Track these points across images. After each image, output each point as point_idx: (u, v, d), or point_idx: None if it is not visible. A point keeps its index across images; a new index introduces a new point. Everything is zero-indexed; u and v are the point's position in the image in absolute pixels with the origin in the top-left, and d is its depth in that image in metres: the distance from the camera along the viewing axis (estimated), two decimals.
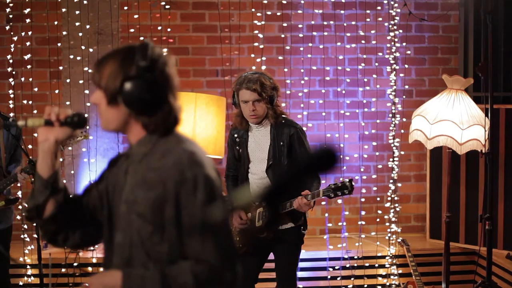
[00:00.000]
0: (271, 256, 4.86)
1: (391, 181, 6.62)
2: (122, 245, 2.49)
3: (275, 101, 4.68)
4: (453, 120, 5.43)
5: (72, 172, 6.26)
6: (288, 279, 4.86)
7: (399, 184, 6.72)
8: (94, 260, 5.93)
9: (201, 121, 5.31)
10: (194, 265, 2.39)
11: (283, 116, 4.72)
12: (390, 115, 6.63)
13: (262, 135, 4.71)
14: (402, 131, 6.56)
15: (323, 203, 6.58)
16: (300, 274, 6.12)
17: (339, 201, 6.55)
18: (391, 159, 6.63)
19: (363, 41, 6.60)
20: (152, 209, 2.42)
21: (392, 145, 6.61)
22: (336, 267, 6.21)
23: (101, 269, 2.60)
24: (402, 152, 6.69)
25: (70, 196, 2.62)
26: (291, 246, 4.80)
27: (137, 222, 2.45)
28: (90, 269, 5.92)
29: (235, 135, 4.83)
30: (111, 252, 2.54)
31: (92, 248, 6.02)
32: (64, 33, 6.22)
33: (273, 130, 4.67)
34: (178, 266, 2.40)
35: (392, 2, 6.56)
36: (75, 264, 5.88)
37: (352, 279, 6.21)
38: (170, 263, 2.42)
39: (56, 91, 6.31)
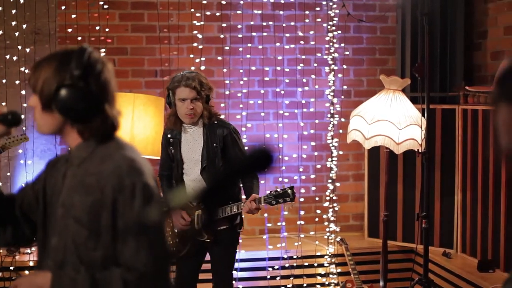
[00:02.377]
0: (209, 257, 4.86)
1: (330, 180, 6.67)
2: (56, 248, 2.46)
3: (210, 101, 4.69)
4: (391, 120, 5.49)
5: (8, 174, 6.16)
6: (224, 279, 4.85)
7: (338, 184, 6.77)
8: (31, 264, 5.84)
9: (139, 122, 5.28)
10: (125, 272, 2.37)
11: (216, 116, 4.72)
12: (329, 115, 6.68)
13: (195, 136, 4.69)
14: (341, 131, 6.62)
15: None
16: (239, 274, 6.12)
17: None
18: (329, 159, 6.68)
19: (302, 42, 6.63)
20: (89, 214, 2.40)
21: (331, 145, 6.66)
22: (276, 267, 6.22)
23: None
24: (341, 152, 6.75)
25: (3, 194, 2.59)
26: (227, 246, 4.79)
27: (73, 226, 2.42)
28: (27, 272, 5.82)
29: (169, 135, 4.80)
30: (45, 254, 2.51)
31: (28, 251, 5.94)
32: (0, 32, 6.11)
33: (206, 131, 4.65)
34: (110, 272, 2.39)
35: (331, 3, 6.61)
36: (11, 268, 5.78)
37: (291, 278, 6.23)
38: (103, 268, 2.40)
39: None
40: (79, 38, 6.12)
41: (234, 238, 4.82)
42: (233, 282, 4.94)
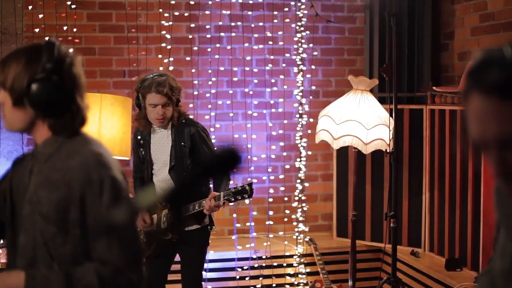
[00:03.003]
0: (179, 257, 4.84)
1: (299, 181, 6.68)
2: (25, 245, 2.44)
3: (179, 101, 4.68)
4: (359, 120, 5.52)
5: None
6: (193, 280, 4.84)
7: (306, 184, 6.78)
8: None
9: (107, 122, 5.24)
10: (99, 266, 2.35)
11: (184, 116, 4.71)
12: (297, 116, 6.69)
13: (164, 137, 4.68)
14: (309, 131, 6.63)
15: (231, 203, 6.57)
16: (208, 275, 6.11)
17: (247, 201, 6.57)
18: (298, 159, 6.69)
19: (270, 42, 6.64)
20: (56, 210, 2.38)
21: (299, 145, 6.67)
22: (245, 267, 6.22)
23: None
24: (309, 152, 6.76)
25: None
26: (196, 247, 4.78)
27: (40, 223, 2.40)
28: None
29: (139, 137, 4.79)
30: (15, 253, 2.49)
31: None
32: None
33: (174, 130, 4.64)
34: (83, 267, 2.36)
35: (299, 4, 6.62)
36: None
37: (260, 279, 6.24)
38: (75, 264, 2.37)
39: None
40: (46, 38, 6.05)
41: (203, 239, 4.80)
42: (202, 282, 4.92)
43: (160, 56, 6.40)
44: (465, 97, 1.63)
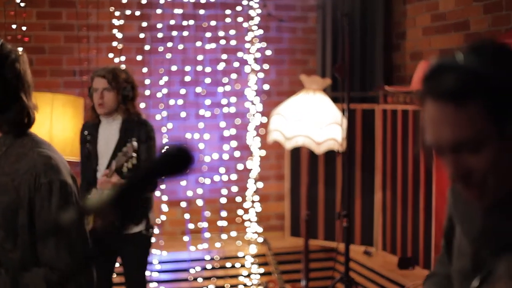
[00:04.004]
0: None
1: (251, 181, 6.67)
2: None
3: (131, 98, 4.63)
4: (311, 120, 5.52)
5: None
6: (136, 283, 4.79)
7: (259, 184, 6.76)
8: None
9: (58, 123, 5.17)
10: (48, 272, 2.31)
11: (137, 115, 4.67)
12: (250, 115, 6.67)
13: (111, 131, 4.64)
14: (262, 131, 6.62)
15: (183, 205, 6.54)
16: (161, 276, 6.06)
17: (200, 203, 6.53)
18: (251, 159, 6.67)
19: (223, 42, 6.61)
20: (5, 214, 2.32)
21: (252, 145, 6.66)
22: (198, 269, 6.19)
23: None
24: (262, 152, 6.75)
25: None
26: (138, 249, 4.73)
27: None
28: None
29: (86, 132, 4.74)
30: None
31: None
32: None
33: (123, 126, 4.60)
34: (31, 272, 2.31)
35: (252, 3, 6.60)
36: None
37: (213, 279, 6.20)
38: (23, 270, 2.32)
39: None
40: None
41: (145, 241, 4.74)
42: (147, 284, 4.87)
43: (111, 55, 6.33)
44: (421, 102, 1.65)
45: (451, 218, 1.97)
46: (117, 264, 4.88)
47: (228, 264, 6.28)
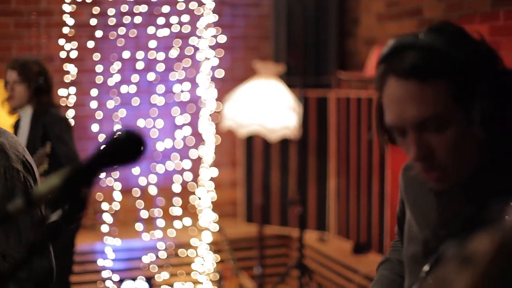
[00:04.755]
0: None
1: (205, 168, 6.63)
2: None
3: (45, 91, 4.52)
4: (265, 107, 5.50)
5: None
6: (58, 280, 4.72)
7: (213, 171, 6.73)
8: None
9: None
10: (1, 260, 2.29)
11: (51, 106, 4.56)
12: (203, 102, 6.63)
13: (25, 124, 4.56)
14: (216, 118, 6.58)
15: (136, 192, 6.48)
16: (114, 265, 6.00)
17: (153, 191, 6.49)
18: (204, 147, 6.64)
19: (176, 28, 6.54)
20: None
21: (205, 132, 6.62)
22: (151, 257, 6.14)
23: None
24: (216, 139, 6.71)
25: None
26: (60, 245, 4.65)
27: None
28: None
29: (15, 125, 4.67)
30: None
31: None
32: None
33: (33, 119, 4.51)
34: None
35: None
36: None
37: (167, 267, 6.16)
38: None
39: None
40: None
41: (67, 236, 4.62)
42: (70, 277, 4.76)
43: (62, 42, 6.23)
44: (380, 83, 1.65)
45: (403, 204, 1.98)
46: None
47: (182, 252, 6.25)
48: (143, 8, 6.45)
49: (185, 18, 6.57)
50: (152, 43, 6.51)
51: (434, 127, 1.59)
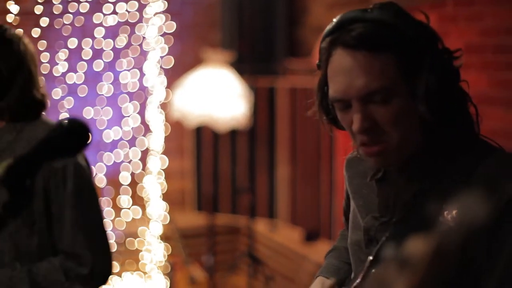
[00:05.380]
0: None
1: (155, 158, 6.58)
2: None
3: None
4: (214, 96, 5.47)
5: None
6: None
7: (163, 161, 6.68)
8: None
9: None
10: (64, 260, 2.32)
11: None
12: (152, 91, 6.57)
13: None
14: (164, 107, 6.52)
15: None
16: None
17: (101, 181, 6.42)
18: (153, 136, 6.57)
19: (123, 16, 6.46)
20: None
21: (154, 121, 6.56)
22: None
23: None
24: (165, 128, 6.66)
25: None
26: None
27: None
28: None
29: None
30: None
31: None
32: None
33: None
34: (48, 263, 2.32)
35: None
36: None
37: (117, 258, 6.11)
38: (39, 259, 2.33)
39: None
40: None
41: None
42: None
43: None
44: (325, 56, 1.66)
45: (348, 195, 2.00)
46: None
47: (131, 243, 6.20)
48: None
49: (133, 5, 6.49)
50: (99, 31, 6.42)
51: (379, 99, 1.59)
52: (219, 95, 5.47)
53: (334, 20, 1.67)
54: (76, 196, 2.32)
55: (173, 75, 6.61)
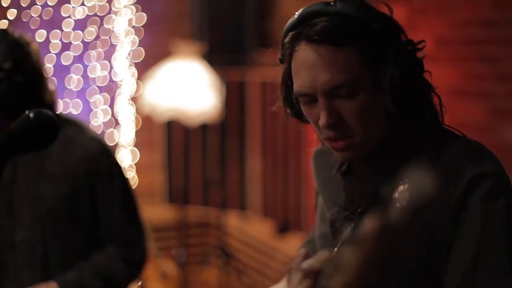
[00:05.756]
0: None
1: (125, 151, 6.54)
2: (27, 241, 2.38)
3: None
4: (184, 89, 5.43)
5: None
6: None
7: (134, 155, 6.64)
8: None
9: None
10: (117, 249, 2.45)
11: None
12: (122, 84, 6.52)
13: None
14: (134, 100, 6.48)
15: None
16: None
17: None
18: (123, 130, 6.53)
19: (92, 7, 6.40)
20: (65, 202, 2.41)
21: (124, 115, 6.51)
22: None
23: None
24: (135, 122, 6.62)
25: None
26: None
27: (48, 217, 2.38)
28: None
29: None
30: (4, 249, 2.39)
31: None
32: None
33: None
34: (104, 255, 2.43)
35: None
36: None
37: None
38: (92, 252, 2.43)
39: None
40: None
41: None
42: None
43: None
44: (289, 51, 1.67)
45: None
46: None
47: None
48: None
49: None
50: (68, 24, 6.35)
51: (345, 93, 1.59)
52: (189, 88, 5.44)
53: (296, 14, 1.66)
54: (122, 186, 2.45)
55: (144, 68, 6.56)
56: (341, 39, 1.57)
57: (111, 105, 6.54)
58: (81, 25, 6.41)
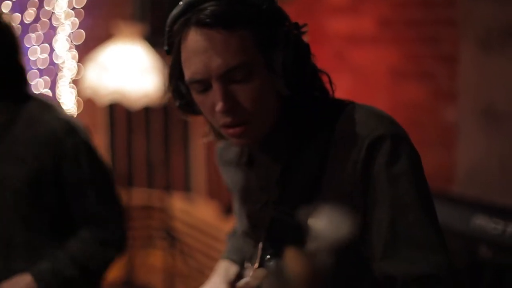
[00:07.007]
0: None
1: None
2: None
3: None
4: (126, 71, 5.38)
5: None
6: None
7: None
8: None
9: None
10: (91, 231, 2.43)
11: None
12: (63, 67, 6.44)
13: None
14: (76, 83, 6.41)
15: None
16: None
17: None
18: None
19: None
20: (29, 183, 2.35)
21: (66, 99, 6.44)
22: None
23: None
24: (77, 106, 6.54)
25: None
26: None
27: (11, 199, 2.34)
28: None
29: None
30: None
31: None
32: None
33: None
34: (79, 239, 2.40)
35: None
36: None
37: None
38: (70, 235, 2.39)
39: None
40: None
41: None
42: None
43: None
44: (177, 38, 1.63)
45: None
46: None
47: None
48: None
49: None
50: (6, 5, 6.23)
51: (240, 77, 1.59)
52: (131, 70, 5.39)
53: (182, 2, 1.64)
54: (90, 165, 2.40)
55: (85, 50, 6.47)
56: (233, 21, 1.56)
57: (52, 88, 6.45)
58: (20, 7, 6.30)
